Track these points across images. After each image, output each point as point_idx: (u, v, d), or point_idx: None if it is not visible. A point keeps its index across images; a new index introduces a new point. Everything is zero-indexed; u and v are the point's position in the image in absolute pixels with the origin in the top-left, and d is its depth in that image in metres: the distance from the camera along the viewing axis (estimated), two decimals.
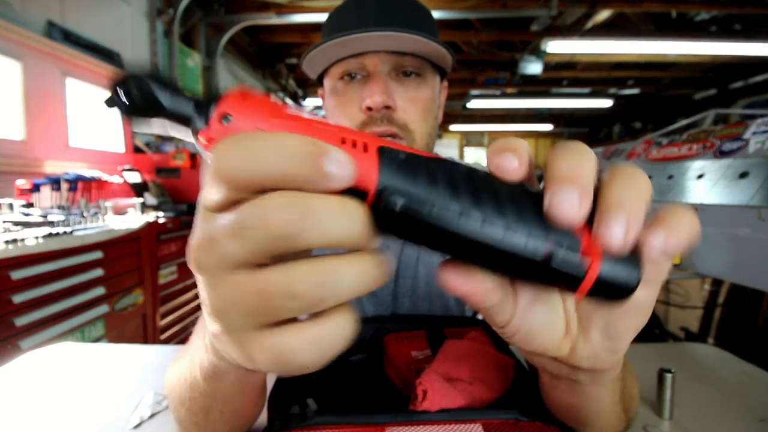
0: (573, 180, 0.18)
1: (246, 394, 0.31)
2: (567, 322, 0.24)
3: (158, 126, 0.20)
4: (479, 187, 0.18)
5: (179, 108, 0.19)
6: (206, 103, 0.19)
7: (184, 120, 0.20)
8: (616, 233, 0.17)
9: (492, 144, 0.20)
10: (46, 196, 1.78)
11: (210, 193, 0.17)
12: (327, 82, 0.60)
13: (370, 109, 0.53)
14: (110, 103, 0.20)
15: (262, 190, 0.16)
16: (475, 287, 0.19)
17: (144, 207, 2.01)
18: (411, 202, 0.17)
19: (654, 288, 0.22)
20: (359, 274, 0.16)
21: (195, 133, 0.19)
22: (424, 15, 0.59)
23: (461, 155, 10.32)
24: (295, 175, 0.15)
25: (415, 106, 0.55)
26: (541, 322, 0.23)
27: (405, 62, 0.54)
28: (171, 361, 0.37)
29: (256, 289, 0.16)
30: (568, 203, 0.17)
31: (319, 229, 0.15)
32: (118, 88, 0.19)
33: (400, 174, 0.17)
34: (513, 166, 0.19)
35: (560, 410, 0.34)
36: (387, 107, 0.53)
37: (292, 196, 0.15)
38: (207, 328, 0.23)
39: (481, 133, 10.34)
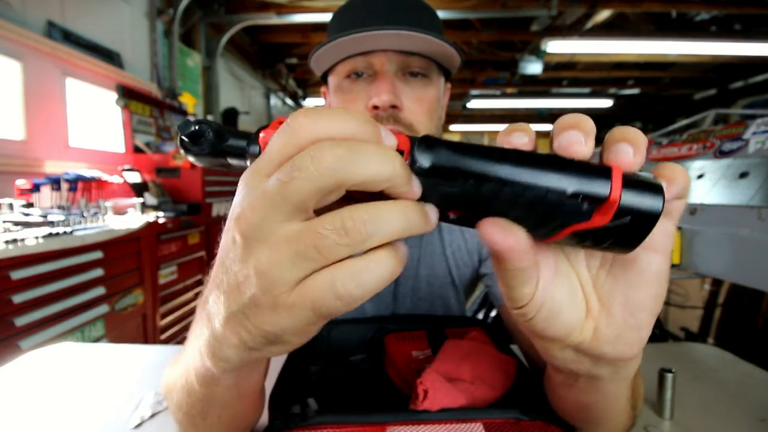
0: (577, 125, 0.21)
1: (243, 399, 0.31)
2: (587, 303, 0.24)
3: (221, 161, 0.24)
4: (505, 150, 0.21)
5: (239, 144, 0.23)
6: (256, 133, 0.23)
7: (241, 153, 0.23)
8: (624, 150, 0.20)
9: (558, 121, 0.23)
10: (46, 196, 1.77)
11: (271, 145, 0.19)
12: (332, 79, 0.59)
13: (376, 107, 0.53)
14: (184, 147, 0.23)
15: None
16: (515, 241, 0.20)
17: (144, 207, 2.01)
18: (440, 157, 0.20)
19: (665, 253, 0.23)
20: (401, 213, 0.19)
21: (252, 156, 0.23)
22: (431, 15, 0.59)
23: None
24: (355, 135, 0.19)
25: (421, 106, 0.55)
26: (563, 297, 0.23)
27: (412, 62, 0.54)
28: (168, 365, 0.37)
29: (311, 230, 0.18)
30: (575, 138, 0.21)
31: (364, 166, 0.18)
32: (192, 137, 0.23)
33: (428, 141, 0.20)
34: (578, 141, 0.21)
35: (572, 410, 0.33)
36: (393, 107, 0.53)
37: (340, 140, 0.18)
38: (204, 330, 0.23)
39: (481, 133, 10.34)
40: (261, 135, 0.22)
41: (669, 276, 0.24)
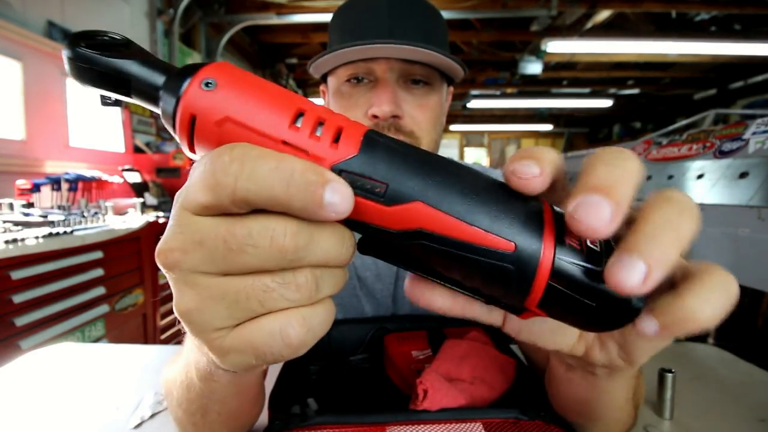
0: (531, 156, 0.18)
1: (242, 395, 0.31)
2: (580, 332, 0.24)
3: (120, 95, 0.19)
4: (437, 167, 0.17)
5: (147, 78, 0.18)
6: (181, 73, 0.17)
7: (150, 94, 0.18)
8: (589, 212, 0.15)
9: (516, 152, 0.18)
10: (46, 196, 1.78)
11: (198, 196, 0.16)
12: (332, 81, 0.59)
13: (376, 116, 0.52)
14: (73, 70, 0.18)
15: (254, 208, 0.16)
16: (441, 300, 0.20)
17: (144, 207, 2.01)
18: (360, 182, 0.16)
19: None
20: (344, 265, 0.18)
21: (169, 107, 0.18)
22: (437, 20, 0.58)
23: (461, 155, 10.32)
24: (294, 202, 0.15)
25: (423, 114, 0.54)
26: (546, 327, 0.23)
27: (414, 70, 0.54)
28: (167, 363, 0.37)
29: (257, 284, 0.16)
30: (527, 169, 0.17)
31: (322, 250, 0.17)
32: (76, 51, 0.17)
33: (363, 158, 0.17)
34: (533, 173, 0.17)
35: (571, 406, 0.33)
36: (394, 116, 0.52)
37: (296, 221, 0.16)
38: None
39: (481, 133, 10.34)
40: (190, 81, 0.17)
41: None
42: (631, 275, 0.14)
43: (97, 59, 0.18)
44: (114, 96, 0.19)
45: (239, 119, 0.17)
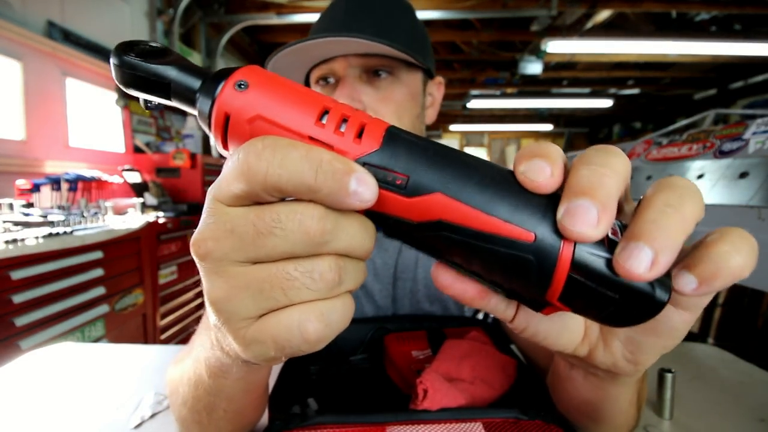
0: (541, 155, 0.17)
1: (250, 393, 0.31)
2: (586, 330, 0.23)
3: (161, 99, 0.20)
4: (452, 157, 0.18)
5: (185, 82, 0.19)
6: (216, 77, 0.19)
7: (188, 96, 0.19)
8: (582, 218, 0.15)
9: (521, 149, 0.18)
10: (46, 196, 1.78)
11: (231, 185, 0.17)
12: (311, 86, 0.61)
13: None
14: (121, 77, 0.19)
15: (284, 196, 0.17)
16: (463, 288, 0.20)
17: (144, 207, 2.01)
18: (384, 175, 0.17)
19: (693, 313, 0.20)
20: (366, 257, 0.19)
21: (205, 108, 0.19)
22: (399, 13, 0.58)
23: None
24: (322, 189, 0.16)
25: (386, 105, 0.54)
26: (551, 326, 0.22)
27: (373, 62, 0.54)
28: (172, 362, 0.38)
29: (280, 272, 0.17)
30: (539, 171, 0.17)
31: (346, 240, 0.17)
32: (122, 59, 0.19)
33: (384, 152, 0.18)
34: (545, 175, 0.16)
35: (574, 406, 0.33)
36: None
37: (325, 210, 0.17)
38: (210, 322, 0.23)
39: (481, 133, 10.34)
40: (225, 83, 0.18)
41: (688, 330, 0.21)
42: (639, 262, 0.15)
43: (141, 66, 0.19)
44: (156, 100, 0.20)
45: (269, 117, 0.18)
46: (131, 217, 1.89)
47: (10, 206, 1.55)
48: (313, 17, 3.52)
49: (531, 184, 0.17)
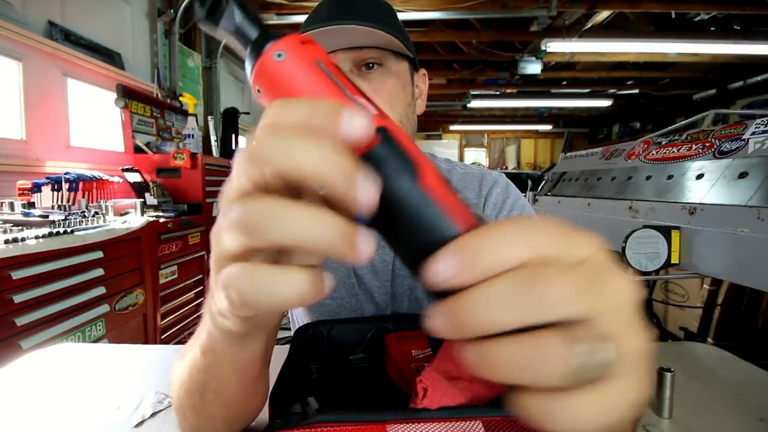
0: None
1: (239, 375, 0.32)
2: None
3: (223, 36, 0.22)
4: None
5: (245, 30, 0.22)
6: (267, 37, 0.21)
7: (244, 40, 0.22)
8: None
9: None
10: (46, 196, 1.78)
11: (245, 175, 0.18)
12: None
13: None
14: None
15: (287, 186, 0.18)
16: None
17: (144, 207, 2.01)
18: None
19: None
20: (313, 222, 0.17)
21: (252, 56, 0.21)
22: (384, 9, 0.60)
23: (461, 155, 10.32)
24: (325, 181, 0.17)
25: (378, 96, 0.56)
26: None
27: (364, 55, 0.55)
28: (176, 358, 0.38)
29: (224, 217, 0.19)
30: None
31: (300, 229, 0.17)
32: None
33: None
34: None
35: None
36: None
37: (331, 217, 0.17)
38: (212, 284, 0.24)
39: (481, 133, 10.34)
40: (268, 47, 0.20)
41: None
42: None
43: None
44: (223, 36, 0.23)
45: (294, 91, 0.20)
46: (131, 217, 1.89)
47: (11, 206, 1.55)
48: None
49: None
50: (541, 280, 0.16)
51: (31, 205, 1.65)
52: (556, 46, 3.92)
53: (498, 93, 6.31)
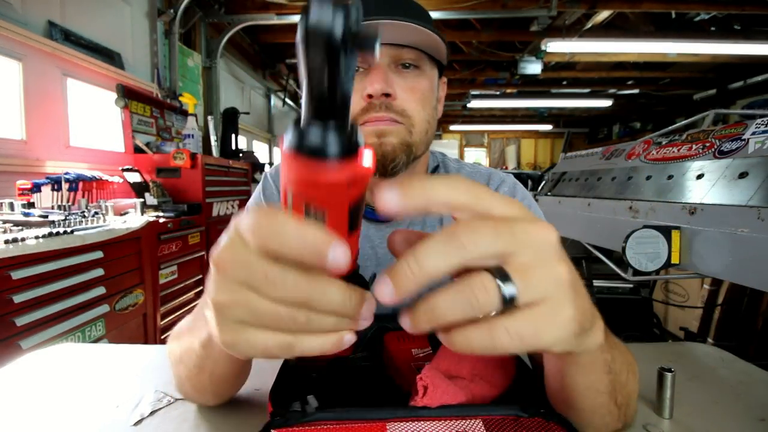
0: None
1: (233, 364, 0.40)
2: None
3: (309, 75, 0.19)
4: None
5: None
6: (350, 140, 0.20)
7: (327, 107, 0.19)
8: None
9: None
10: (46, 196, 1.78)
11: (245, 232, 0.22)
12: None
13: (370, 96, 0.55)
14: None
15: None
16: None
17: (144, 207, 2.01)
18: None
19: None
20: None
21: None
22: (421, 11, 0.62)
23: (461, 155, 10.32)
24: (309, 260, 0.21)
25: (413, 94, 0.57)
26: None
27: (403, 55, 0.57)
28: (173, 336, 0.49)
29: (260, 305, 0.22)
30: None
31: (327, 303, 0.22)
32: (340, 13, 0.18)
33: None
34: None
35: (551, 393, 0.37)
36: (386, 95, 0.55)
37: (304, 278, 0.22)
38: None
39: (481, 133, 10.34)
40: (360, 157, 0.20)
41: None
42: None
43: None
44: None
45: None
46: (131, 217, 1.89)
47: (11, 206, 1.55)
48: None
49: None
50: (458, 232, 0.21)
51: (31, 205, 1.65)
52: (556, 46, 3.92)
53: (498, 93, 6.31)
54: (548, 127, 9.18)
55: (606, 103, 6.55)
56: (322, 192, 0.20)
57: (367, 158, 0.20)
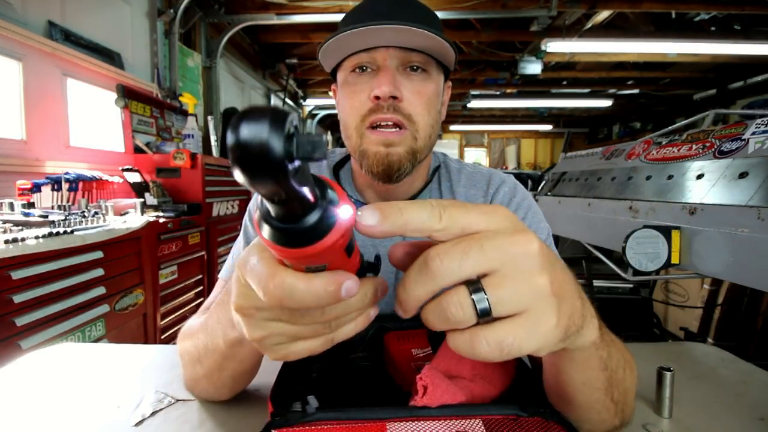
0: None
1: (255, 358, 0.43)
2: None
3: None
4: None
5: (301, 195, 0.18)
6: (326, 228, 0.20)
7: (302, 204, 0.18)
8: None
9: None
10: (46, 196, 1.78)
11: (259, 291, 0.24)
12: (340, 74, 0.63)
13: (377, 98, 0.56)
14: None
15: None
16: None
17: (144, 207, 2.01)
18: None
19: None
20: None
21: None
22: (432, 17, 0.63)
23: (461, 155, 10.31)
24: (326, 304, 0.24)
25: (420, 98, 0.58)
26: None
27: (412, 58, 0.57)
28: (184, 336, 0.49)
29: (287, 329, 0.27)
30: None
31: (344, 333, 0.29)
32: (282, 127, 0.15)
33: None
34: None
35: (549, 390, 0.37)
36: (394, 97, 0.56)
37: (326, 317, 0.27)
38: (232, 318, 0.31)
39: (481, 132, 10.34)
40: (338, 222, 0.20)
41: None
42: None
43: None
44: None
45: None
46: (131, 217, 1.89)
47: (11, 206, 1.55)
48: (313, 17, 3.52)
49: None
50: (427, 262, 0.23)
51: (31, 205, 1.65)
52: (556, 46, 3.92)
53: (498, 93, 6.30)
54: (548, 127, 9.17)
55: (606, 103, 6.54)
56: (314, 258, 0.21)
57: (346, 212, 0.20)
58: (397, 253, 0.27)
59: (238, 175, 0.16)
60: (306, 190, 0.18)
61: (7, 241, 1.16)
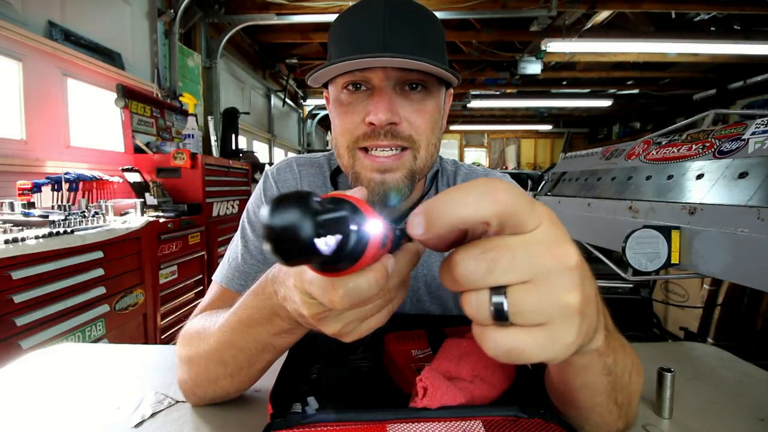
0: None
1: (292, 343, 0.42)
2: None
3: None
4: None
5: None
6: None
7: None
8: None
9: None
10: (46, 196, 1.78)
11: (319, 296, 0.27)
12: (331, 89, 0.59)
13: (372, 123, 0.53)
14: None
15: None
16: None
17: (144, 207, 2.01)
18: None
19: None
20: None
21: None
22: (433, 27, 0.57)
23: (461, 155, 10.31)
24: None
25: (420, 118, 0.55)
26: None
27: (410, 76, 0.53)
28: (197, 339, 0.47)
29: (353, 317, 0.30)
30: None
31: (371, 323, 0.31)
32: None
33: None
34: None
35: (552, 392, 0.37)
36: (391, 123, 0.53)
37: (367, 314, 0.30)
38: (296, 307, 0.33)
39: (481, 133, 10.34)
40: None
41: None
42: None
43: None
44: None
45: None
46: (132, 217, 1.89)
47: (11, 206, 1.55)
48: (313, 18, 3.52)
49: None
50: (451, 266, 0.23)
51: (31, 205, 1.65)
52: (556, 46, 3.92)
53: (498, 93, 6.31)
54: (548, 127, 9.18)
55: (606, 103, 6.54)
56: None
57: (375, 227, 0.22)
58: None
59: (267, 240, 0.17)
60: (335, 239, 0.19)
61: (7, 241, 1.16)
